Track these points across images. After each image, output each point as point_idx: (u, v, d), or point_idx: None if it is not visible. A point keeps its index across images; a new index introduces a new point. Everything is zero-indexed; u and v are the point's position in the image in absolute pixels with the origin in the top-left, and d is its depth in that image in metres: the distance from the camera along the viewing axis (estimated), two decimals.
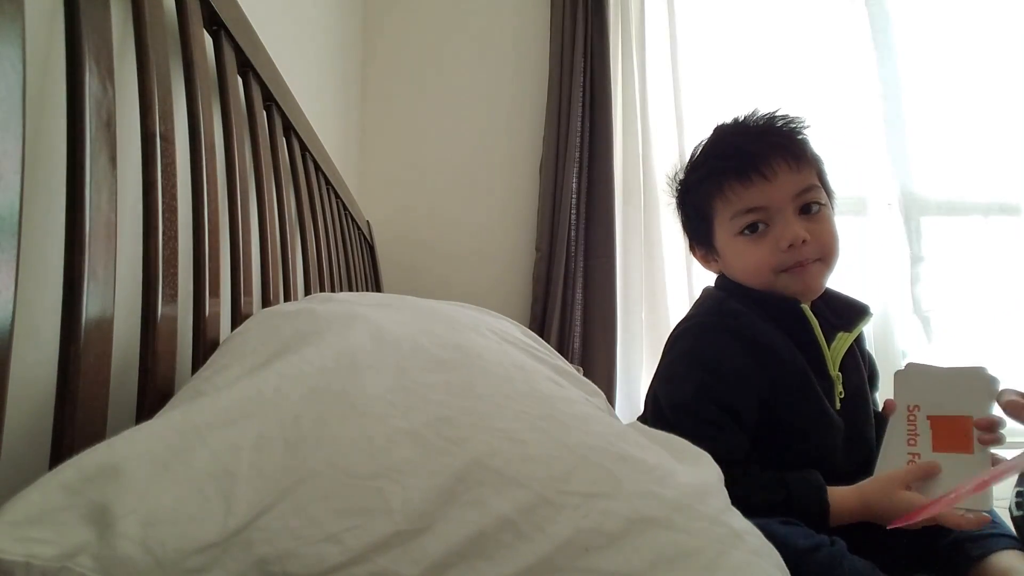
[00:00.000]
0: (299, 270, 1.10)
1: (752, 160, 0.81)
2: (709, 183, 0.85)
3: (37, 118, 0.51)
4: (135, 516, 0.35)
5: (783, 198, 0.81)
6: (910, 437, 0.70)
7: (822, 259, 0.82)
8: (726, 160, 0.84)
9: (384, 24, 2.15)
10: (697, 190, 0.88)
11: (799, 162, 0.82)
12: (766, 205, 0.81)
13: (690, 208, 0.91)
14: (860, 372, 0.87)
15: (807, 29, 2.14)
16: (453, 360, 0.56)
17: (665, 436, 0.60)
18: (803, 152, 0.83)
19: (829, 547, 0.64)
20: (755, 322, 0.82)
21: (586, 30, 2.03)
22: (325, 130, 1.50)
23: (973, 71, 2.13)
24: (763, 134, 0.84)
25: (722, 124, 0.89)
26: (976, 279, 2.04)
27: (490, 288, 2.06)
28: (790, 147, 0.82)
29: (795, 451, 0.79)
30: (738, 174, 0.81)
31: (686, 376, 0.82)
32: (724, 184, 0.83)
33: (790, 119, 0.85)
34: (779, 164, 0.80)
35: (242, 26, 0.88)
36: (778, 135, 0.83)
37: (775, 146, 0.82)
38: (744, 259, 0.84)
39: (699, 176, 0.88)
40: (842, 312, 0.88)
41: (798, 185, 0.81)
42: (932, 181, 2.08)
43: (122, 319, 0.54)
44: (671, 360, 0.87)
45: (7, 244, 0.40)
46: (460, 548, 0.39)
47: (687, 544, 0.43)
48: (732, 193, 0.82)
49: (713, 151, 0.87)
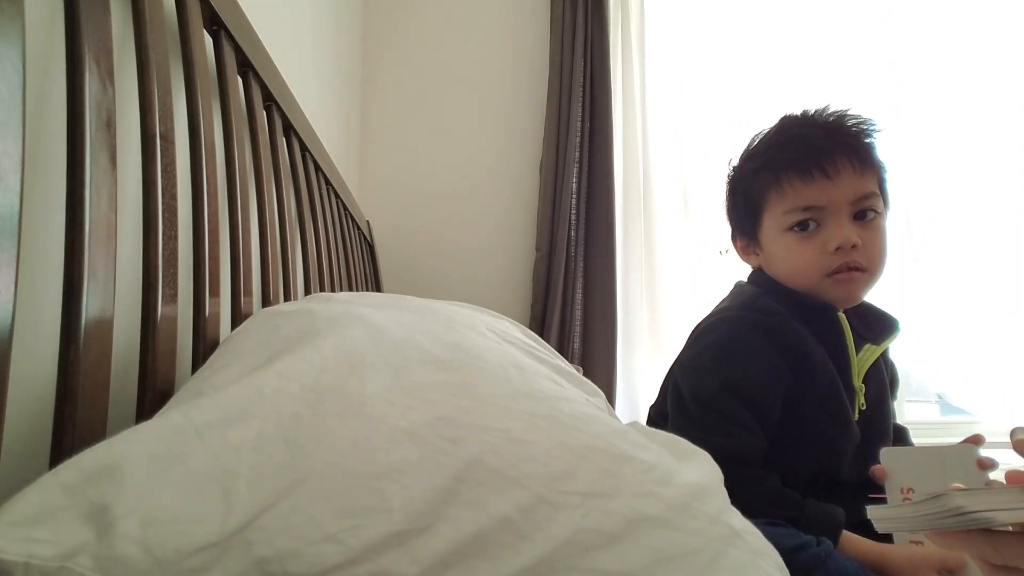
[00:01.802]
0: (299, 270, 1.10)
1: (816, 156, 0.78)
2: (766, 173, 0.82)
3: (37, 118, 0.51)
4: (135, 516, 0.35)
5: (841, 200, 0.78)
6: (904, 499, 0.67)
7: (868, 270, 0.80)
8: (788, 152, 0.81)
9: (384, 24, 2.15)
10: (752, 179, 0.85)
11: (864, 166, 0.79)
12: (823, 205, 0.78)
13: (740, 196, 0.88)
14: (882, 384, 0.86)
15: (807, 29, 2.14)
16: (453, 360, 0.56)
17: (665, 435, 0.60)
18: (869, 156, 0.80)
19: (815, 547, 0.64)
20: (789, 322, 0.80)
21: (586, 30, 2.03)
22: (325, 130, 1.50)
23: (974, 72, 2.13)
24: (831, 131, 0.80)
25: (789, 115, 0.85)
26: (976, 279, 2.04)
27: (490, 288, 2.06)
28: (858, 148, 0.79)
29: (806, 454, 0.78)
30: (799, 168, 0.79)
31: (713, 369, 0.80)
32: (782, 176, 0.80)
33: (862, 120, 0.82)
34: (843, 164, 0.78)
35: (242, 26, 0.88)
36: (847, 134, 0.80)
37: (842, 145, 0.79)
38: (792, 258, 0.82)
39: (756, 165, 0.85)
40: (872, 324, 0.86)
41: (859, 189, 0.78)
42: (932, 182, 2.09)
43: (122, 319, 0.54)
44: (698, 351, 0.85)
45: (7, 244, 0.40)
46: (460, 548, 0.39)
47: (687, 544, 0.43)
48: (789, 187, 0.80)
49: (776, 140, 0.84)
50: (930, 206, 2.09)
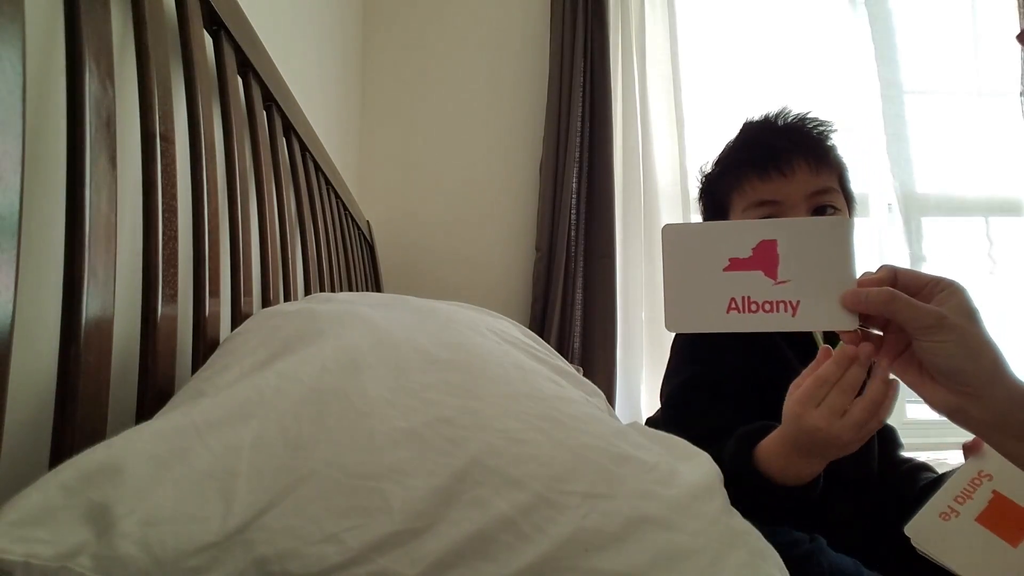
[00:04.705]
0: (299, 270, 1.10)
1: (773, 155, 0.81)
2: (729, 176, 0.86)
3: (37, 118, 0.51)
4: (135, 516, 0.35)
5: (797, 195, 0.80)
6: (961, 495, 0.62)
7: None
8: (747, 153, 0.84)
9: (384, 24, 2.15)
10: (717, 183, 0.88)
11: (820, 163, 0.81)
12: (779, 200, 0.80)
13: (708, 201, 0.91)
14: None
15: (807, 29, 2.14)
16: (453, 360, 0.56)
17: (665, 436, 0.60)
18: (825, 154, 0.82)
19: (808, 543, 0.64)
20: None
21: (586, 30, 2.03)
22: (325, 130, 1.50)
23: (973, 71, 2.13)
24: (788, 131, 0.84)
25: (750, 120, 0.89)
26: (976, 279, 2.04)
27: (490, 288, 2.06)
28: (813, 147, 0.82)
29: None
30: (756, 167, 0.81)
31: (680, 370, 0.83)
32: (742, 177, 0.83)
33: (820, 122, 0.85)
34: (798, 162, 0.80)
35: (242, 26, 0.88)
36: (803, 134, 0.83)
37: (797, 143, 0.81)
38: None
39: (720, 169, 0.88)
40: None
41: (815, 185, 0.80)
42: (932, 181, 2.09)
43: (122, 319, 0.54)
44: (670, 356, 0.88)
45: (7, 244, 0.40)
46: (460, 548, 0.39)
47: (687, 544, 0.43)
48: (749, 186, 0.82)
49: (736, 144, 0.88)
50: (929, 205, 2.08)
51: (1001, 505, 0.61)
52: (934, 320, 0.47)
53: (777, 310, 0.52)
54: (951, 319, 0.48)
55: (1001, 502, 0.61)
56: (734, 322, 0.53)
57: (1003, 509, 0.60)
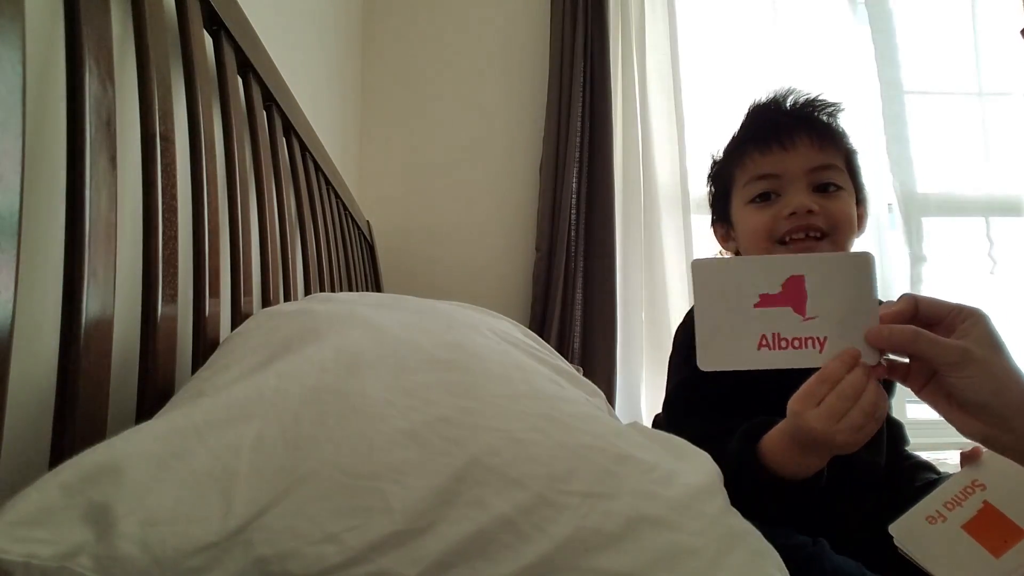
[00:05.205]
0: (299, 270, 1.10)
1: (775, 129, 0.80)
2: (734, 154, 0.86)
3: (37, 118, 0.51)
4: (135, 516, 0.35)
5: (797, 169, 0.79)
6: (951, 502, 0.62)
7: (830, 237, 0.78)
8: (751, 131, 0.84)
9: (384, 24, 2.15)
10: (724, 163, 0.89)
11: (823, 140, 0.80)
12: (779, 173, 0.80)
13: (716, 182, 0.91)
14: None
15: (807, 29, 2.14)
16: (453, 360, 0.56)
17: (665, 436, 0.60)
18: (828, 132, 0.81)
19: (810, 547, 0.64)
20: None
21: (586, 30, 2.03)
22: (325, 130, 1.50)
23: (973, 70, 2.13)
24: (793, 108, 0.83)
25: (757, 100, 0.88)
26: (976, 279, 2.04)
27: (490, 288, 2.06)
28: (816, 123, 0.81)
29: None
30: (758, 142, 0.81)
31: (680, 369, 0.82)
32: (744, 153, 0.83)
33: (827, 103, 0.84)
34: (800, 136, 0.79)
35: (242, 26, 0.88)
36: (807, 111, 0.83)
37: (801, 119, 0.81)
38: (746, 226, 0.83)
39: (727, 149, 0.89)
40: None
41: (816, 160, 0.79)
42: (932, 181, 2.09)
43: (122, 319, 0.54)
44: (670, 355, 0.87)
45: (7, 244, 0.40)
46: (460, 548, 0.39)
47: (687, 544, 0.43)
48: (750, 160, 0.82)
49: (743, 124, 0.88)
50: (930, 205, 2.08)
51: (990, 516, 0.60)
52: (958, 356, 0.48)
53: (805, 346, 0.53)
54: (975, 352, 0.48)
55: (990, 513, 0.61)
56: (765, 359, 0.53)
57: (991, 520, 0.60)
